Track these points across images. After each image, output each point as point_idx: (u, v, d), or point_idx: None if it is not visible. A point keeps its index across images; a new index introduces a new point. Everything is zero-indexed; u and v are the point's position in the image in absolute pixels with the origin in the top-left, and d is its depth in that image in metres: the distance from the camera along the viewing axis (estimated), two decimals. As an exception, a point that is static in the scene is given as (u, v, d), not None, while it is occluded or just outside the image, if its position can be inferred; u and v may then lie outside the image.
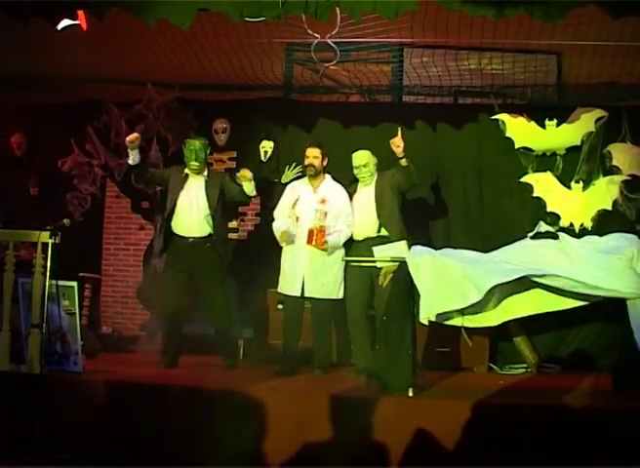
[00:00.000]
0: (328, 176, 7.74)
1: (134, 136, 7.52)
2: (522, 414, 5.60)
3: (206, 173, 7.85)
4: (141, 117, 9.31)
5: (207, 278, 7.67)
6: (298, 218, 7.60)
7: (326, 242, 7.35)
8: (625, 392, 6.01)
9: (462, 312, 6.16)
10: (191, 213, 7.67)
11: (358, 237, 7.60)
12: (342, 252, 7.56)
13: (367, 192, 7.66)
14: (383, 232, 7.51)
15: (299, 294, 7.48)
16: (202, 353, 8.13)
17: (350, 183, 7.83)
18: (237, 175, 7.73)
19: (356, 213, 7.63)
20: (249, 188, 7.62)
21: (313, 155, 7.66)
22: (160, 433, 5.95)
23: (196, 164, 7.71)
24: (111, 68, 8.82)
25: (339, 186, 7.74)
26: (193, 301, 7.87)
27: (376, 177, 7.68)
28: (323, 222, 7.39)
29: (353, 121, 8.90)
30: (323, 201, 7.56)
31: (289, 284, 7.57)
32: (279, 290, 7.69)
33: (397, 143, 7.14)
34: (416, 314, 6.15)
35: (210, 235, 7.69)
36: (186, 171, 7.80)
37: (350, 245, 7.62)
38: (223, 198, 7.79)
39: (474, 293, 5.94)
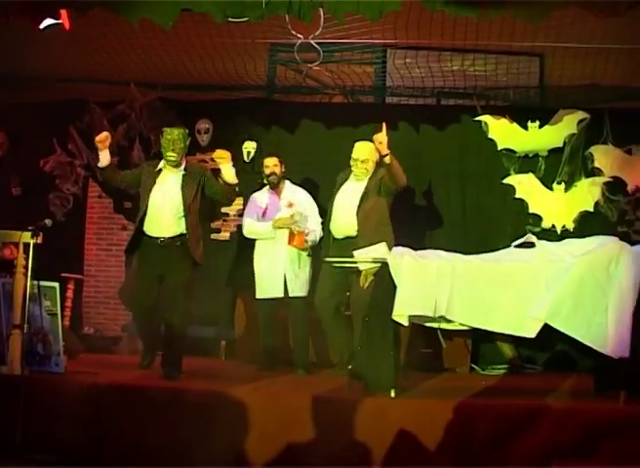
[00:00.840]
0: (288, 182, 7.91)
1: (103, 135, 7.13)
2: (503, 415, 5.61)
3: (184, 166, 7.22)
4: (124, 117, 9.30)
5: (174, 278, 7.04)
6: None
7: (307, 241, 7.55)
8: (606, 393, 6.02)
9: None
10: (163, 210, 7.06)
11: (338, 235, 7.43)
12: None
13: (355, 189, 7.44)
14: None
15: (282, 295, 7.61)
16: (201, 355, 8.16)
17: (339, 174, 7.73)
18: (213, 155, 7.30)
19: (338, 208, 7.46)
20: (229, 175, 7.09)
21: (273, 163, 7.79)
22: (141, 434, 5.93)
23: (173, 155, 7.08)
24: (94, 68, 8.78)
25: (300, 189, 7.88)
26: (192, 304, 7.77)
27: (369, 177, 7.48)
28: (300, 224, 7.52)
29: (336, 122, 8.90)
30: (290, 205, 7.69)
31: (269, 286, 7.66)
32: (258, 295, 7.74)
33: (380, 139, 6.85)
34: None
35: (181, 234, 7.06)
36: (160, 165, 7.22)
37: (328, 242, 7.56)
38: (202, 195, 7.20)
39: (444, 307, 5.94)
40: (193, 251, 7.06)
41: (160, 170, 7.21)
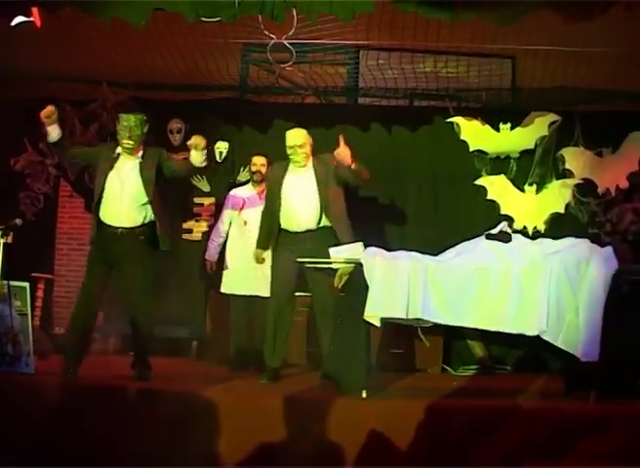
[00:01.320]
0: None
1: (49, 109, 6.66)
2: (475, 415, 5.63)
3: (141, 154, 6.84)
4: (96, 116, 9.24)
5: (133, 272, 6.68)
6: (245, 222, 7.93)
7: None
8: (576, 393, 6.06)
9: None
10: (122, 199, 6.68)
11: (295, 228, 7.06)
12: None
13: (305, 178, 7.13)
14: (324, 223, 7.05)
15: (250, 294, 7.71)
16: (172, 355, 8.13)
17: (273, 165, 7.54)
18: (189, 142, 6.82)
19: (292, 200, 7.09)
20: (198, 158, 6.76)
21: (260, 163, 8.03)
22: (113, 434, 5.90)
23: (130, 143, 6.71)
24: (65, 67, 8.73)
25: None
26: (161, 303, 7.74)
27: (311, 162, 7.19)
28: None
29: (309, 122, 8.83)
30: None
31: (241, 284, 7.73)
32: (224, 289, 7.81)
33: (341, 154, 6.75)
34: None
35: (142, 225, 6.71)
36: (118, 150, 6.83)
37: (284, 236, 7.13)
38: (163, 178, 6.83)
39: (419, 309, 5.96)
40: (162, 238, 6.76)
41: (118, 155, 6.83)
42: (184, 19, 6.48)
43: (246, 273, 7.75)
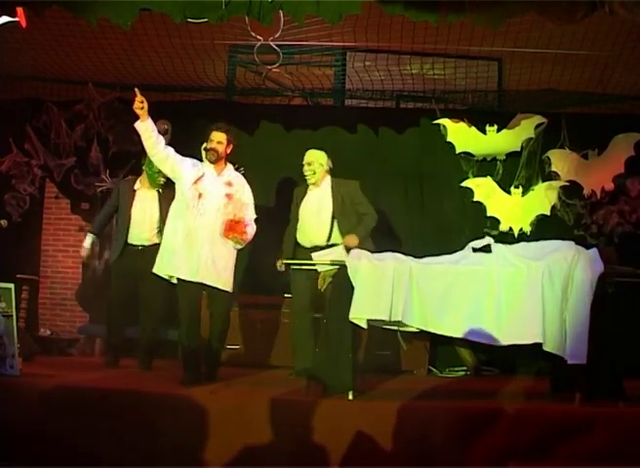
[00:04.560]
0: (230, 165, 7.11)
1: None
2: (461, 417, 5.64)
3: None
4: (82, 117, 9.22)
5: (151, 282, 7.35)
6: (200, 195, 6.80)
7: (246, 233, 6.80)
8: (562, 395, 6.08)
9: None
10: (144, 225, 7.82)
11: (305, 243, 7.56)
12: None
13: (316, 196, 7.61)
14: (335, 240, 7.46)
15: (189, 279, 6.75)
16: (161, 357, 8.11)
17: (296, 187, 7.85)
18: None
19: (305, 217, 7.58)
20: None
21: (217, 140, 6.93)
22: (98, 436, 5.87)
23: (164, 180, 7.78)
24: (51, 67, 8.70)
25: (241, 176, 7.16)
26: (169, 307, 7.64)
27: (329, 183, 7.64)
28: (240, 212, 6.83)
29: (295, 124, 8.91)
30: (229, 184, 6.94)
31: (180, 265, 6.79)
32: (159, 271, 6.91)
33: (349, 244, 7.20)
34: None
35: (158, 244, 7.14)
36: (136, 186, 7.92)
37: (295, 251, 7.60)
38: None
39: (400, 311, 5.97)
40: None
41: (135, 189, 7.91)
42: (171, 19, 6.46)
43: (190, 255, 6.76)
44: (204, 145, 7.02)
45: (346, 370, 6.05)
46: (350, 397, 5.94)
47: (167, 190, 7.62)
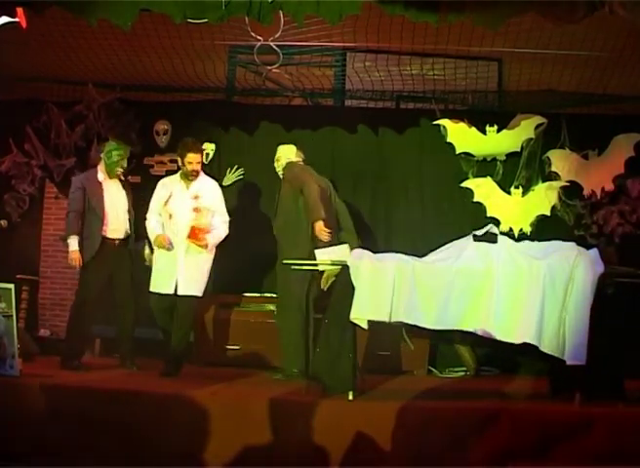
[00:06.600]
0: (202, 173, 7.69)
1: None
2: (461, 417, 5.64)
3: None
4: (82, 117, 9.21)
5: (124, 278, 7.68)
6: (171, 216, 7.54)
7: (204, 240, 7.41)
8: (562, 395, 6.08)
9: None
10: (118, 217, 7.68)
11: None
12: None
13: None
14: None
15: (172, 292, 7.42)
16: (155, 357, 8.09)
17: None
18: None
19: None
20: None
21: (196, 161, 7.57)
22: (97, 436, 5.88)
23: (122, 170, 7.77)
24: (52, 67, 8.70)
25: (212, 182, 7.74)
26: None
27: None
28: (204, 220, 7.43)
29: (295, 124, 8.90)
30: (196, 197, 7.50)
31: (163, 282, 7.45)
32: (152, 288, 7.51)
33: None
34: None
35: (128, 236, 7.72)
36: (101, 176, 7.72)
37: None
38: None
39: (401, 311, 5.97)
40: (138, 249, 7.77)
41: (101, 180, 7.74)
42: (171, 20, 6.45)
43: (171, 272, 7.47)
44: (182, 165, 7.59)
45: (347, 371, 6.06)
46: (350, 397, 5.95)
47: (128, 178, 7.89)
